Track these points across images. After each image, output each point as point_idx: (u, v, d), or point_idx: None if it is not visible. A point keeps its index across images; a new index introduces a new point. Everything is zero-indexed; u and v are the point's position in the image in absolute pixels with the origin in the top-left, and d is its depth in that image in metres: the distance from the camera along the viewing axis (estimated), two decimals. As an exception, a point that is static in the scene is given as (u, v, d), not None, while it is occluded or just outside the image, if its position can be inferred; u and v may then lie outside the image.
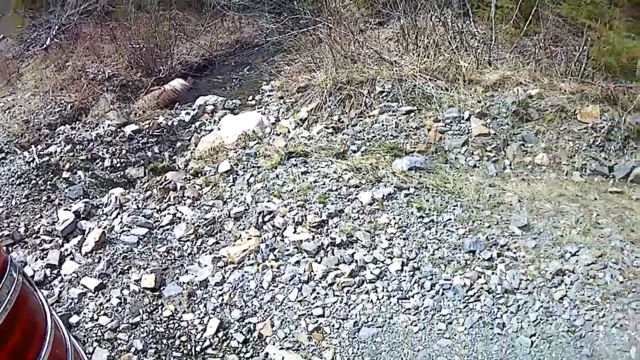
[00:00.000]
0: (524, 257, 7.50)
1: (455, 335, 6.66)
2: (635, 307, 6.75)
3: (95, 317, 7.21)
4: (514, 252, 7.57)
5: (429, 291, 7.11)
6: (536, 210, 8.25)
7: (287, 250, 7.69)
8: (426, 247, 7.65)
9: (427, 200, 8.36)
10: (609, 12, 11.56)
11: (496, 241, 7.69)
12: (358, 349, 6.56)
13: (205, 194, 9.09)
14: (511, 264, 7.41)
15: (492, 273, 7.30)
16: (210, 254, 7.94)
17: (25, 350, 2.84)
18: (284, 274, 7.41)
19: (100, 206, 9.38)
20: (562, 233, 7.84)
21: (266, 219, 8.17)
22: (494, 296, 7.02)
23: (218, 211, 8.59)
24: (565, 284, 7.10)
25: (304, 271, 7.35)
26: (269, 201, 8.51)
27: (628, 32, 11.35)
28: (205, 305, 7.21)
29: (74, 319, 7.22)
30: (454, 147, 9.62)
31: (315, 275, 7.32)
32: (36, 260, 8.30)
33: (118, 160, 10.75)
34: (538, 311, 6.83)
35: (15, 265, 2.93)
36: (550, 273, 7.20)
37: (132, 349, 6.76)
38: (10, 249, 8.48)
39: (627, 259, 7.35)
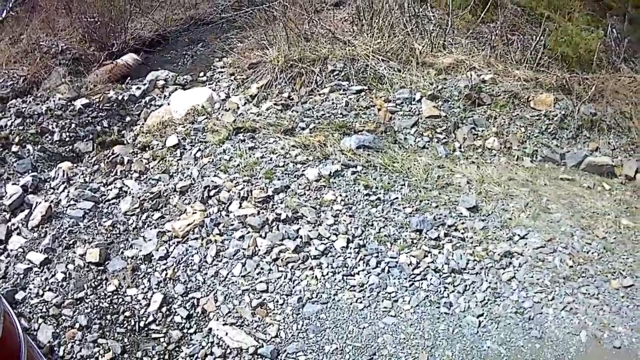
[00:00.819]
0: (471, 238, 7.58)
1: (401, 313, 6.71)
2: (585, 292, 6.87)
3: (41, 292, 7.23)
4: (462, 233, 7.65)
5: (374, 269, 7.15)
6: (485, 193, 8.31)
7: (232, 225, 7.68)
8: (372, 225, 7.68)
9: (375, 179, 8.38)
10: (569, 4, 11.65)
11: (444, 221, 7.75)
12: (302, 325, 6.59)
13: (152, 168, 9.04)
14: (458, 244, 7.48)
15: (439, 252, 7.37)
16: (155, 228, 7.92)
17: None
18: (228, 248, 7.41)
19: (48, 180, 9.33)
20: (511, 216, 7.92)
21: (212, 193, 8.16)
22: (440, 275, 7.09)
23: (164, 185, 8.56)
24: (514, 266, 7.19)
25: (248, 246, 7.35)
26: (215, 176, 8.48)
27: (587, 24, 11.50)
28: (149, 280, 7.21)
29: (19, 295, 7.24)
30: (404, 127, 9.60)
31: (259, 250, 7.32)
32: (-18, 235, 8.23)
33: (67, 134, 10.64)
34: (486, 292, 6.92)
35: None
36: (499, 255, 7.29)
37: (77, 325, 6.78)
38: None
39: (576, 244, 7.46)
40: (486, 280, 7.06)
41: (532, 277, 7.06)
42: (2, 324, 3.02)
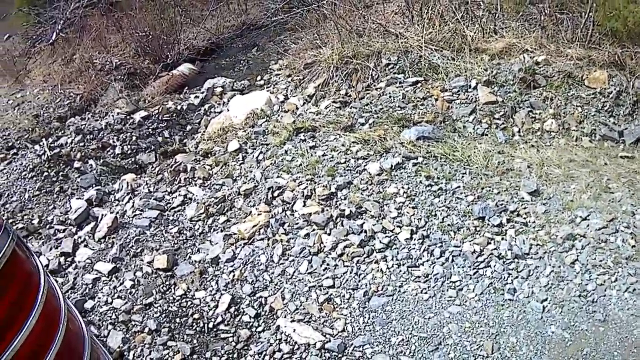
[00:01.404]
0: (534, 222, 7.47)
1: (465, 301, 6.67)
2: None
3: (110, 300, 7.27)
4: (524, 218, 7.55)
5: (438, 258, 7.11)
6: (546, 176, 8.20)
7: (297, 223, 7.70)
8: (435, 215, 7.64)
9: (436, 169, 8.31)
10: (615, -23, 11.49)
11: (506, 207, 7.66)
12: (369, 318, 6.57)
13: (215, 173, 9.12)
14: (521, 229, 7.39)
15: (502, 239, 7.28)
16: (221, 231, 7.97)
17: (21, 302, 2.86)
18: (293, 247, 7.43)
19: (112, 193, 9.43)
20: (573, 198, 7.80)
21: (275, 194, 8.18)
22: (504, 262, 7.01)
23: (228, 189, 8.62)
24: (577, 249, 7.06)
25: (314, 243, 7.36)
26: (278, 177, 8.51)
27: (634, -4, 11.29)
28: (217, 282, 7.26)
29: (88, 304, 7.28)
30: (462, 115, 9.54)
31: (324, 247, 7.33)
32: (50, 249, 8.36)
33: (129, 147, 10.73)
34: (549, 276, 6.82)
35: (8, 227, 2.94)
36: (561, 238, 7.16)
37: (146, 329, 6.82)
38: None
39: (638, 223, 7.30)
40: (549, 265, 6.96)
41: (594, 259, 6.94)
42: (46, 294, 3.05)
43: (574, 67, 9.87)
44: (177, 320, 6.88)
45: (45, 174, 10.13)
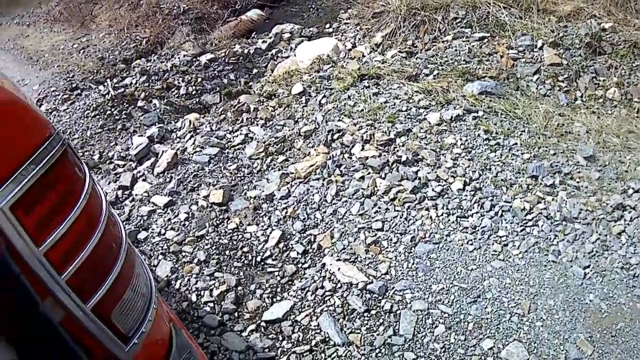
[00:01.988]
0: (586, 187, 7.39)
1: (509, 258, 6.64)
2: None
3: (163, 232, 7.38)
4: (577, 182, 7.48)
5: (488, 211, 7.10)
6: (603, 143, 8.10)
7: (353, 166, 7.72)
8: (490, 169, 7.61)
9: (495, 124, 8.27)
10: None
11: (560, 169, 7.59)
12: (413, 263, 6.60)
13: (277, 114, 9.14)
14: (573, 192, 7.32)
15: (553, 199, 7.22)
16: (279, 170, 8.02)
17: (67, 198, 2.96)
18: (347, 188, 7.46)
19: (175, 130, 9.52)
20: (627, 168, 7.68)
21: (335, 137, 8.21)
22: (552, 222, 6.95)
23: (289, 130, 8.66)
24: (625, 220, 6.96)
25: (368, 186, 7.38)
26: (339, 120, 8.53)
27: None
28: (269, 218, 7.31)
29: (142, 235, 7.41)
30: (526, 74, 9.47)
31: (378, 190, 7.35)
32: (109, 183, 8.49)
33: (193, 87, 10.81)
34: (595, 243, 6.74)
35: (59, 133, 3.02)
36: (611, 206, 7.07)
37: (195, 260, 6.91)
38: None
39: None
40: (596, 232, 6.87)
41: (642, 233, 6.90)
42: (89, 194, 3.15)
43: (641, 37, 9.74)
44: (227, 252, 6.96)
45: (109, 112, 10.27)
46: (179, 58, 11.66)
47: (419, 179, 7.43)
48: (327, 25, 12.67)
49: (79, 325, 2.86)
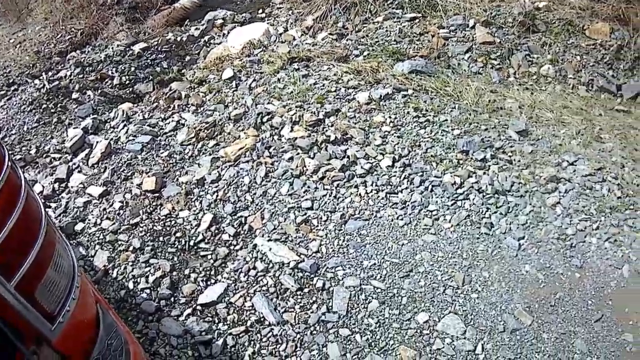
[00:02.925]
0: (519, 161, 7.56)
1: (440, 231, 6.76)
2: (632, 225, 6.78)
3: (99, 222, 7.38)
4: (509, 156, 7.63)
5: (417, 187, 7.21)
6: (536, 118, 8.28)
7: (282, 147, 7.79)
8: (419, 145, 7.72)
9: (425, 102, 8.38)
10: None
11: (492, 143, 7.75)
12: (343, 240, 6.69)
13: (208, 100, 9.15)
14: (505, 166, 7.47)
15: (484, 173, 7.37)
16: (210, 155, 8.05)
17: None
18: (277, 169, 7.53)
19: (108, 121, 9.46)
20: (562, 142, 7.87)
21: (265, 119, 8.26)
22: (483, 196, 7.10)
23: (219, 115, 8.68)
24: (560, 192, 7.14)
25: (297, 166, 7.45)
26: (268, 103, 8.57)
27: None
28: (200, 202, 7.35)
29: (78, 227, 7.41)
30: (457, 53, 9.61)
31: (307, 170, 7.42)
32: (46, 177, 8.44)
33: (127, 77, 10.77)
34: (528, 215, 6.90)
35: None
36: (545, 179, 7.25)
37: (131, 248, 6.93)
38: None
39: (627, 176, 7.37)
40: (530, 204, 7.04)
41: (577, 204, 7.01)
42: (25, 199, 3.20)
43: (576, 16, 9.93)
44: (161, 239, 6.99)
45: (44, 106, 10.19)
46: (112, 48, 11.62)
47: (348, 157, 7.51)
48: (260, 11, 12.65)
49: (4, 304, 2.90)
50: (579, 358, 5.68)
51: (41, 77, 11.14)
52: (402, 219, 6.86)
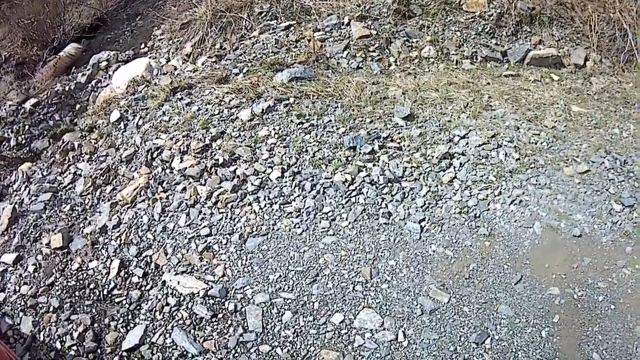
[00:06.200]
0: (408, 145, 7.75)
1: (339, 231, 6.95)
2: (535, 182, 7.05)
3: (17, 288, 7.47)
4: (398, 143, 7.83)
5: (309, 192, 7.40)
6: (421, 101, 8.48)
7: (174, 179, 7.95)
8: (306, 151, 7.90)
9: (307, 107, 8.57)
10: None
11: (378, 134, 7.93)
12: (246, 260, 6.87)
13: (100, 146, 9.24)
14: (394, 154, 7.67)
15: (374, 165, 7.56)
16: (109, 200, 8.16)
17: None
18: (172, 202, 7.68)
19: (10, 185, 9.50)
20: (450, 118, 8.09)
21: (155, 155, 8.41)
22: (377, 187, 7.30)
23: (111, 159, 8.80)
24: (454, 167, 7.38)
25: (190, 196, 7.62)
26: (156, 138, 8.69)
27: None
28: (106, 250, 7.49)
29: (0, 297, 7.47)
30: (336, 52, 9.76)
31: (200, 197, 7.59)
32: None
33: (22, 137, 10.72)
34: (425, 196, 7.12)
35: None
36: (437, 158, 7.47)
37: (51, 308, 7.04)
38: None
39: (523, 137, 7.62)
40: (425, 185, 7.27)
41: (475, 174, 7.27)
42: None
43: (450, -7, 10.06)
44: (77, 293, 7.13)
45: (-60, 181, 10.13)
46: (5, 109, 11.55)
47: (238, 177, 7.69)
48: (142, 45, 12.72)
49: None
50: (507, 322, 5.92)
51: None
52: (299, 227, 7.06)
